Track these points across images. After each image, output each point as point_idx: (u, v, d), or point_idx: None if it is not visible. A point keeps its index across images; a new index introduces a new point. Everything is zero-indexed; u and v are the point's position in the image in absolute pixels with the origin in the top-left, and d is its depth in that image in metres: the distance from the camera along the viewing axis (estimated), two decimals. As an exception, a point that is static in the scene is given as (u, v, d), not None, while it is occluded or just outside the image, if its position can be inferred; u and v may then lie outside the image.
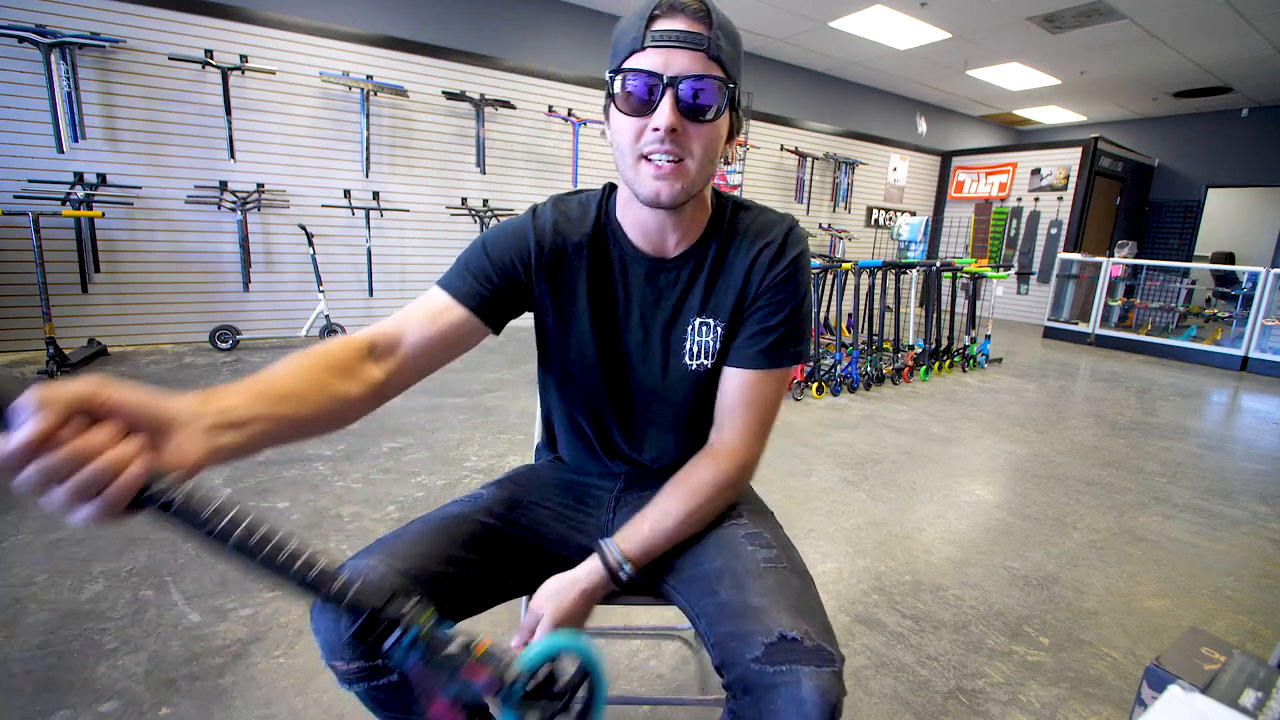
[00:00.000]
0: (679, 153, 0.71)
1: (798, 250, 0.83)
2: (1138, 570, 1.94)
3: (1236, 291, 5.93)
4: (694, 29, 0.69)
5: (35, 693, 1.19)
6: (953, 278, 4.73)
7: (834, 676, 0.61)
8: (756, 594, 0.69)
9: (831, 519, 2.16)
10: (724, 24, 0.71)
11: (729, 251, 0.83)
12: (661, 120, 0.68)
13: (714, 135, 0.72)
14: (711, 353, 0.84)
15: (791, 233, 0.83)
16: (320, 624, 0.68)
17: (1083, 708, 1.33)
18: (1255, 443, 3.39)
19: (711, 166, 0.74)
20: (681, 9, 0.69)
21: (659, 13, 0.69)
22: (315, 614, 0.70)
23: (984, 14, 5.26)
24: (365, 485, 2.19)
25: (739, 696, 0.64)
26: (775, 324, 0.81)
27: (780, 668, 0.61)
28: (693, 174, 0.72)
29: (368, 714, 0.78)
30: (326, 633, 0.67)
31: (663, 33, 0.69)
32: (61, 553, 1.66)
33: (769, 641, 0.63)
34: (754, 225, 0.84)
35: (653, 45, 0.69)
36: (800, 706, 0.58)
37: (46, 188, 3.56)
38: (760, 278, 0.81)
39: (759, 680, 0.61)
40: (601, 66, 4.19)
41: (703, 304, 0.83)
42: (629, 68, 0.70)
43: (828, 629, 0.66)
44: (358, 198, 4.63)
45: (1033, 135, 9.72)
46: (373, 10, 4.64)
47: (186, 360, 3.74)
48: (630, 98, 0.70)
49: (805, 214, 7.28)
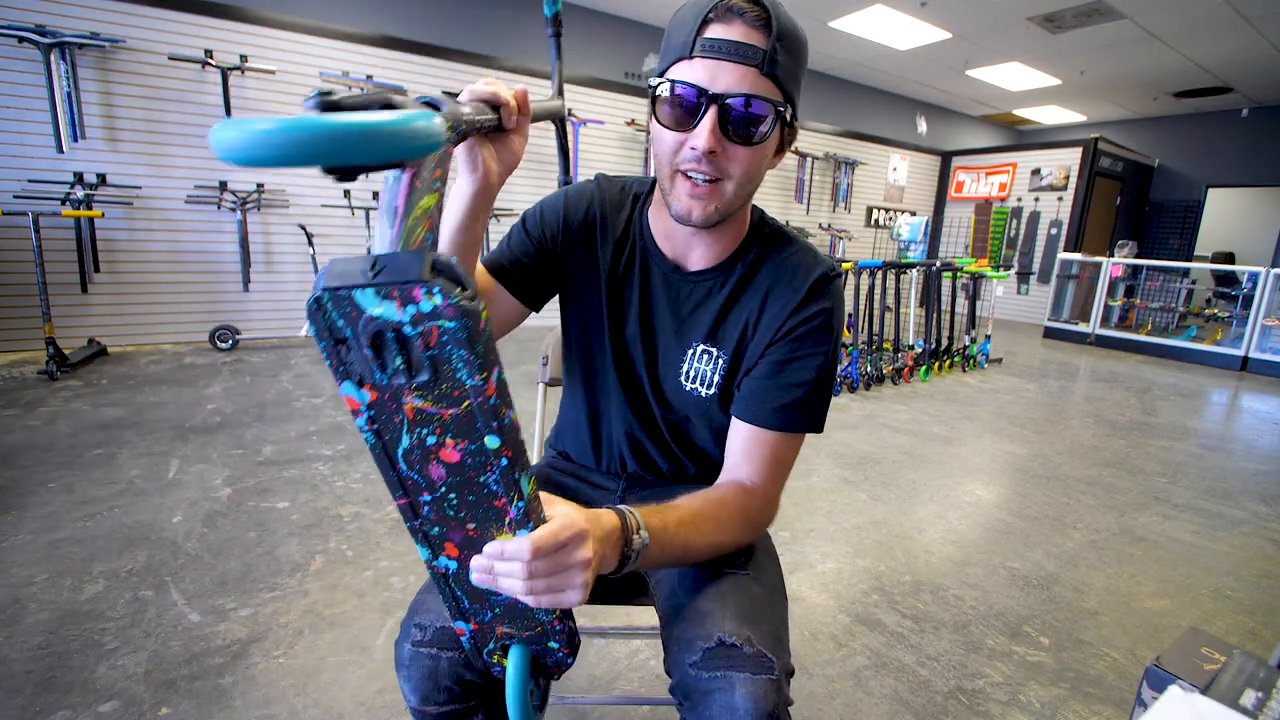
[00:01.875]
0: (716, 174, 0.66)
1: (830, 302, 0.74)
2: (1138, 570, 1.94)
3: (1236, 291, 5.93)
4: (749, 40, 0.62)
5: (35, 693, 1.19)
6: (953, 278, 4.73)
7: (771, 685, 0.58)
8: (707, 599, 0.67)
9: (831, 519, 2.16)
10: (787, 33, 0.63)
11: (753, 281, 0.77)
12: (700, 141, 0.63)
13: (758, 157, 0.67)
14: (710, 383, 0.79)
15: (829, 283, 0.75)
16: (414, 670, 0.66)
17: (1083, 708, 1.33)
18: (1255, 443, 3.39)
19: (751, 186, 0.69)
20: (740, 14, 0.62)
21: (714, 16, 0.63)
22: (406, 659, 0.67)
23: (984, 14, 5.26)
24: (365, 485, 2.19)
25: (680, 701, 0.63)
26: (797, 381, 0.73)
27: (715, 674, 0.59)
28: (729, 196, 0.68)
29: (367, 715, 0.78)
30: (420, 679, 0.65)
31: (714, 42, 0.62)
32: (61, 553, 1.66)
33: (707, 646, 0.61)
34: (790, 260, 0.76)
35: (701, 55, 0.63)
36: (733, 714, 0.57)
37: (46, 188, 3.56)
38: (779, 320, 0.74)
39: (695, 685, 0.60)
40: (602, 67, 4.21)
41: (710, 330, 0.78)
42: (673, 78, 0.65)
43: (776, 638, 0.64)
44: (358, 198, 4.62)
45: (1033, 135, 9.72)
46: (373, 10, 4.64)
47: (186, 360, 3.74)
48: (671, 110, 0.65)
49: (805, 214, 7.28)
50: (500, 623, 0.58)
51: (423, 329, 0.39)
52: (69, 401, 2.84)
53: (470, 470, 0.47)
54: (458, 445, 0.45)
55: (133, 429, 2.56)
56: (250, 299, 4.34)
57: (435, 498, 0.49)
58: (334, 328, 0.40)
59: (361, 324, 0.39)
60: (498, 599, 0.56)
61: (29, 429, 2.48)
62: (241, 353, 4.03)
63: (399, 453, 0.46)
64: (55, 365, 3.16)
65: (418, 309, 0.38)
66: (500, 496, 0.48)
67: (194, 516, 1.90)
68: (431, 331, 0.40)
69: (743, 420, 0.74)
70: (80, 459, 2.24)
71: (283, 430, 2.66)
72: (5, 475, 2.07)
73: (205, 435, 2.55)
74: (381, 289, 0.38)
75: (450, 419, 0.44)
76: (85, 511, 1.88)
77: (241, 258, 4.16)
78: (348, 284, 0.38)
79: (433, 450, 0.46)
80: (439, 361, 0.41)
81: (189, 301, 4.15)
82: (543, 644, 0.60)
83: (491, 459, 0.46)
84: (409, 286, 0.38)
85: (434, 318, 0.39)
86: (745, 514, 0.71)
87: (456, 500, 0.49)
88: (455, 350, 0.40)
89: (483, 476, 0.47)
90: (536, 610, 0.56)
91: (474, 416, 0.44)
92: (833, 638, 1.52)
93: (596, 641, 1.46)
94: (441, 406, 0.43)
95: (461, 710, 0.68)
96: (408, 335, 0.40)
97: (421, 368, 0.41)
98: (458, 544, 0.52)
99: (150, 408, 2.84)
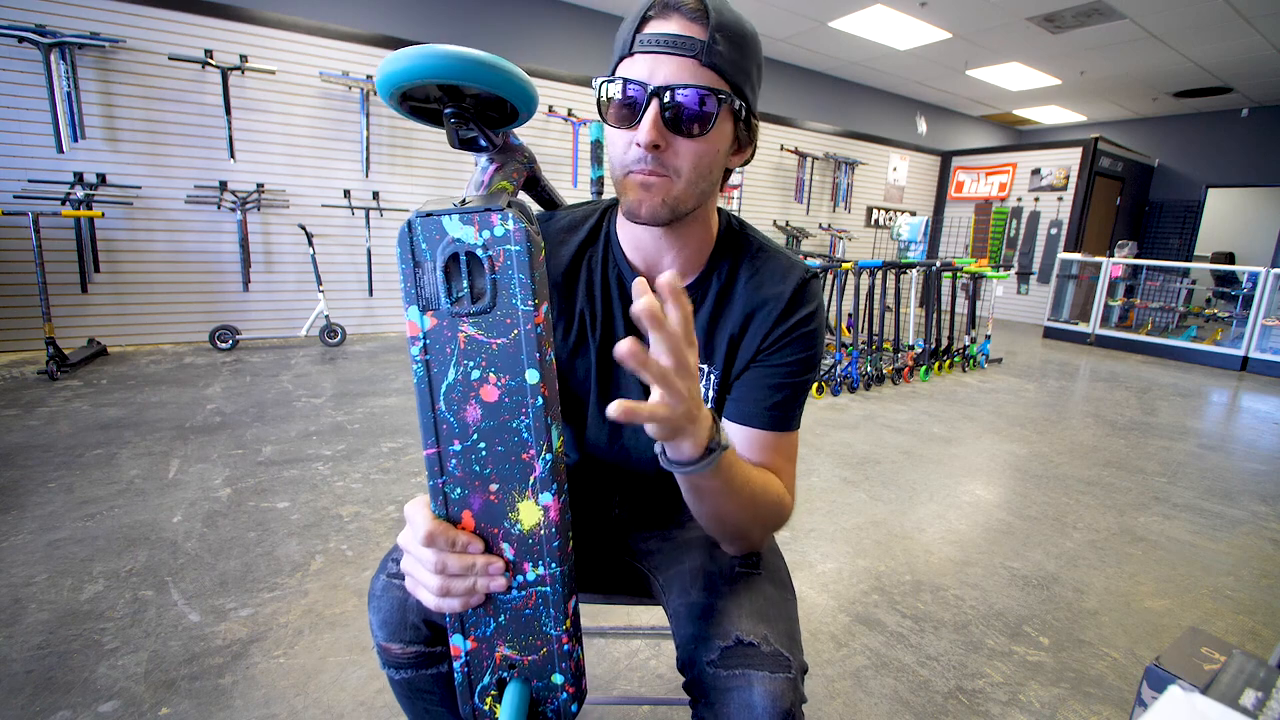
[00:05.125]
0: (663, 170, 0.65)
1: (812, 305, 0.74)
2: (1138, 570, 1.94)
3: (1236, 291, 5.93)
4: (686, 32, 0.62)
5: (35, 693, 1.19)
6: (953, 278, 4.73)
7: (788, 683, 0.59)
8: (722, 597, 0.68)
9: (831, 519, 2.16)
10: (727, 24, 0.63)
11: (732, 294, 0.76)
12: (642, 135, 0.62)
13: (706, 150, 0.65)
14: (707, 399, 0.77)
15: (807, 286, 0.75)
16: (383, 601, 0.67)
17: (1083, 708, 1.33)
18: (1255, 443, 3.39)
19: (704, 183, 0.67)
20: (677, 8, 0.62)
21: (652, 13, 0.63)
22: (379, 590, 0.68)
23: (984, 14, 5.26)
24: (365, 485, 2.19)
25: (696, 699, 0.63)
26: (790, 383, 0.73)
27: (733, 671, 0.60)
28: (678, 190, 0.66)
29: (367, 715, 0.78)
30: (389, 611, 0.67)
31: (652, 36, 0.62)
32: (61, 553, 1.66)
33: (725, 645, 0.62)
34: (765, 268, 0.76)
35: (641, 50, 0.63)
36: (750, 711, 0.58)
37: (46, 188, 3.56)
38: (764, 330, 0.73)
39: (713, 684, 0.61)
40: (602, 67, 4.21)
41: (700, 348, 0.76)
42: (615, 76, 0.65)
43: (791, 636, 0.65)
44: (358, 198, 4.63)
45: (1033, 135, 9.72)
46: (373, 10, 4.64)
47: (186, 360, 3.74)
48: (615, 109, 0.65)
49: (805, 214, 7.28)
50: (502, 640, 0.56)
51: (492, 252, 0.48)
52: (69, 401, 2.84)
53: (505, 412, 0.51)
54: (499, 381, 0.50)
55: (133, 429, 2.56)
56: (250, 299, 4.34)
57: (465, 447, 0.51)
58: (417, 250, 0.48)
59: (442, 246, 0.48)
60: (506, 601, 0.55)
61: (29, 429, 2.48)
62: (241, 353, 4.03)
63: (443, 388, 0.51)
64: (55, 365, 3.16)
65: (491, 233, 0.47)
66: (530, 448, 0.51)
67: (194, 516, 1.90)
68: (499, 254, 0.48)
69: (747, 425, 0.74)
70: (80, 459, 2.24)
71: (283, 430, 2.66)
72: (5, 475, 2.08)
73: (205, 435, 2.55)
74: (466, 215, 0.47)
75: (498, 349, 0.50)
76: (85, 511, 1.88)
77: (241, 258, 4.16)
78: (438, 210, 0.48)
79: (475, 386, 0.50)
80: (499, 286, 0.48)
81: (189, 301, 4.15)
82: (546, 677, 0.57)
83: (529, 397, 0.50)
84: (488, 213, 0.47)
85: (504, 242, 0.47)
86: (782, 496, 0.70)
87: (485, 450, 0.51)
88: (516, 274, 0.48)
89: (516, 420, 0.51)
90: (544, 622, 0.55)
91: (519, 346, 0.49)
92: (833, 637, 1.52)
93: (596, 641, 1.46)
94: (492, 336, 0.49)
95: (427, 655, 0.69)
96: (479, 257, 0.48)
97: (483, 293, 0.48)
98: (476, 512, 0.53)
99: (150, 408, 2.84)
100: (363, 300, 4.81)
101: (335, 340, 4.38)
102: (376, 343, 4.62)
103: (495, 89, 0.56)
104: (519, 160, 0.70)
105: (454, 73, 0.53)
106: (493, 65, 0.54)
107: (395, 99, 0.57)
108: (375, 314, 4.91)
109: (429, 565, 0.52)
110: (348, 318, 4.73)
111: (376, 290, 4.81)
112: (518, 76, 0.57)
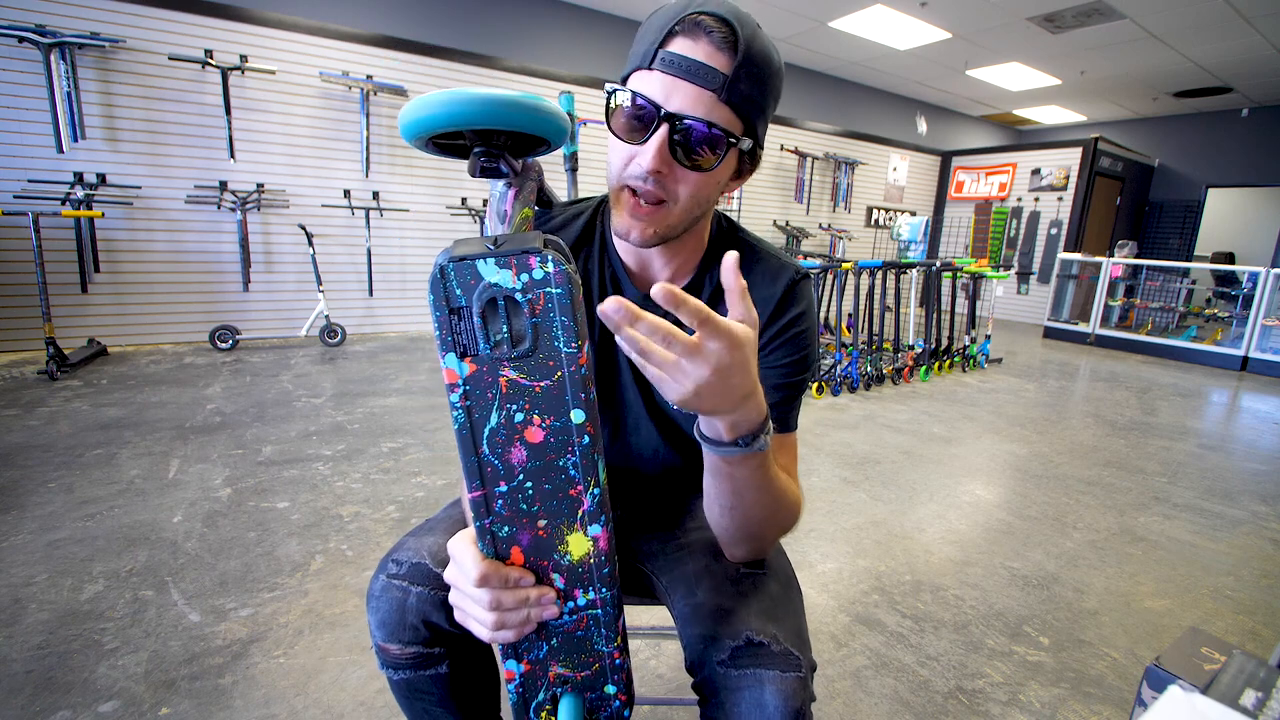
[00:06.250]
0: (661, 194, 0.64)
1: (803, 306, 0.74)
2: (1138, 570, 1.94)
3: (1236, 291, 5.93)
4: (711, 62, 0.59)
5: (35, 693, 1.19)
6: (953, 278, 4.73)
7: (799, 682, 0.60)
8: (730, 597, 0.68)
9: (831, 519, 2.16)
10: (754, 58, 0.60)
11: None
12: (646, 160, 0.61)
13: (706, 182, 0.64)
14: None
15: (796, 287, 0.74)
16: (382, 602, 0.67)
17: (1083, 708, 1.33)
18: (1255, 443, 3.39)
19: (699, 210, 0.67)
20: (707, 32, 0.59)
21: (679, 29, 0.60)
22: (378, 591, 0.68)
23: (984, 14, 5.26)
24: (365, 485, 2.19)
25: (706, 699, 0.64)
26: (787, 384, 0.73)
27: (744, 671, 0.60)
28: (673, 219, 0.66)
29: (367, 715, 0.78)
30: (387, 612, 0.67)
31: (674, 57, 0.60)
32: (61, 553, 1.66)
33: (736, 645, 0.62)
34: (757, 270, 0.75)
35: (660, 69, 0.60)
36: (762, 710, 0.58)
37: (46, 188, 3.57)
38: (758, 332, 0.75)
39: (723, 683, 0.61)
40: (602, 66, 4.19)
41: None
42: (630, 87, 0.63)
43: (799, 635, 0.65)
44: (358, 198, 4.63)
45: (1033, 135, 9.72)
46: (373, 10, 4.64)
47: (186, 360, 3.74)
48: (624, 120, 0.63)
49: (805, 214, 7.28)
50: (555, 660, 0.56)
51: (531, 296, 0.45)
52: (69, 401, 2.84)
53: (551, 451, 0.49)
54: (544, 422, 0.48)
55: (133, 429, 2.56)
56: (250, 299, 4.34)
57: (511, 487, 0.50)
58: (451, 296, 0.45)
59: (478, 292, 0.45)
60: (558, 626, 0.55)
61: (29, 429, 2.48)
62: (241, 353, 4.03)
63: (485, 433, 0.49)
64: (55, 365, 3.16)
65: (530, 276, 0.44)
66: (577, 484, 0.50)
67: (194, 516, 1.90)
68: (539, 298, 0.45)
69: None
70: (80, 459, 2.24)
71: (283, 430, 2.66)
72: (5, 475, 2.08)
73: (205, 435, 2.55)
74: (502, 258, 0.44)
75: (541, 392, 0.47)
76: (85, 511, 1.88)
77: (241, 258, 4.16)
78: (471, 254, 0.44)
79: (519, 429, 0.48)
80: (540, 330, 0.46)
81: (189, 301, 4.16)
82: (599, 689, 0.57)
83: (574, 436, 0.48)
84: (526, 256, 0.44)
85: (544, 285, 0.44)
86: (799, 501, 0.69)
87: (532, 490, 0.50)
88: (558, 317, 0.45)
89: (563, 459, 0.49)
90: (596, 641, 0.55)
91: (564, 388, 0.47)
92: (833, 637, 1.52)
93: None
94: (534, 379, 0.47)
95: (425, 656, 0.69)
96: (518, 301, 0.45)
97: (524, 337, 0.46)
98: (525, 548, 0.52)
99: (150, 408, 2.84)
100: (363, 300, 4.81)
101: (335, 340, 4.38)
102: (376, 343, 4.62)
103: (530, 130, 0.55)
104: (532, 179, 0.68)
105: (491, 119, 0.52)
106: (528, 108, 0.53)
107: (421, 141, 0.56)
108: (375, 314, 4.91)
109: (484, 604, 0.52)
110: (348, 318, 4.73)
111: (376, 290, 4.81)
112: (552, 113, 0.56)
